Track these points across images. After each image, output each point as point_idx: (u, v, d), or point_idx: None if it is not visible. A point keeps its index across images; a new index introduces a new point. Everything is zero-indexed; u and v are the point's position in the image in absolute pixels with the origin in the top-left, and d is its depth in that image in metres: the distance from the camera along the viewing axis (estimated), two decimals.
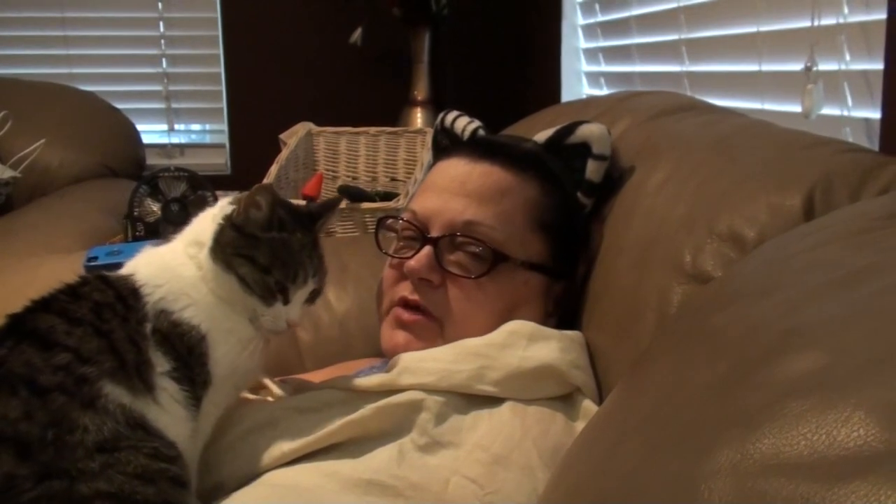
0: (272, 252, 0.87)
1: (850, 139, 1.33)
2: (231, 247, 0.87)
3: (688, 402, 0.63)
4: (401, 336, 1.10)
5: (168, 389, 0.83)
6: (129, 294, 0.85)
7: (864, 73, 1.33)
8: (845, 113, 1.38)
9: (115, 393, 0.78)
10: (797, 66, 1.40)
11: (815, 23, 1.37)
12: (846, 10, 1.35)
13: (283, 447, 0.91)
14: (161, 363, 0.83)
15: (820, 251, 0.74)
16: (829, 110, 1.38)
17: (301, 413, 0.96)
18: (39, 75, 2.89)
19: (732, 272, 0.88)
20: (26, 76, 2.84)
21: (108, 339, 0.81)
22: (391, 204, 1.89)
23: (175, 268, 0.89)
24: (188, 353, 0.85)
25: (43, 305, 0.84)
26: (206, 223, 0.91)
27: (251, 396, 1.04)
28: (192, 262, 0.89)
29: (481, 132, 1.32)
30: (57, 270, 1.58)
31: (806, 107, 1.36)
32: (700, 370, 0.66)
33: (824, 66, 1.36)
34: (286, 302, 0.89)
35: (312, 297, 0.93)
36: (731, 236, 0.94)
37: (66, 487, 0.73)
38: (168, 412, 0.82)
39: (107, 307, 0.83)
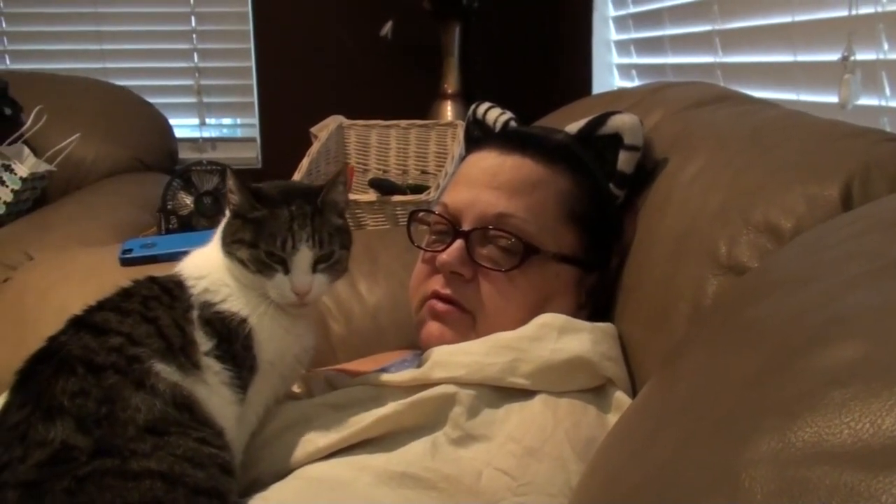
0: (257, 228, 0.90)
1: (889, 129, 1.32)
2: (229, 236, 0.92)
3: (726, 392, 0.62)
4: (435, 327, 1.10)
5: (213, 368, 0.87)
6: (174, 287, 0.92)
7: None
8: (883, 103, 1.36)
9: (165, 371, 0.83)
10: (833, 56, 1.38)
11: (853, 12, 1.35)
12: None
13: (318, 443, 0.92)
14: (203, 342, 0.88)
15: (858, 241, 0.73)
16: (866, 100, 1.37)
17: (334, 409, 0.97)
18: (74, 70, 2.93)
19: (769, 263, 0.87)
20: (61, 71, 2.88)
21: (154, 324, 0.86)
22: (422, 197, 1.89)
23: (213, 260, 0.94)
24: (231, 335, 0.89)
25: (99, 306, 0.90)
26: (225, 219, 0.97)
27: None
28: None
29: (513, 124, 1.32)
30: (92, 263, 1.61)
31: (843, 97, 1.34)
32: (738, 360, 0.65)
33: (862, 55, 1.35)
34: (287, 272, 0.90)
35: (330, 270, 0.93)
36: (768, 227, 0.93)
37: (118, 465, 0.76)
38: (217, 394, 0.86)
39: (153, 299, 0.90)
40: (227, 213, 0.95)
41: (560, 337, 1.00)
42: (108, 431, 0.78)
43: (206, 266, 0.93)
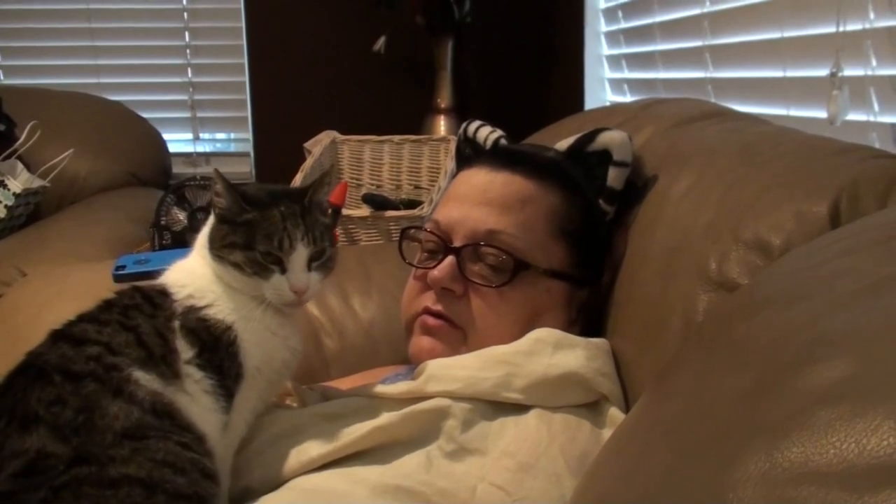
0: (250, 229, 0.90)
1: (877, 145, 1.33)
2: (218, 240, 0.92)
3: (715, 411, 0.62)
4: (426, 341, 1.10)
5: (193, 376, 0.86)
6: (156, 295, 0.91)
7: (891, 78, 1.32)
8: (872, 118, 1.37)
9: (144, 379, 0.82)
10: (822, 72, 1.39)
11: (841, 28, 1.36)
12: (872, 16, 1.34)
13: (311, 452, 0.92)
14: (185, 351, 0.87)
15: (847, 259, 0.74)
16: (855, 116, 1.38)
17: (328, 419, 0.96)
18: (67, 85, 2.94)
19: (759, 280, 0.88)
20: (55, 86, 2.89)
21: (134, 332, 0.86)
22: (415, 212, 1.90)
23: (195, 270, 0.94)
24: (215, 344, 0.89)
25: (78, 318, 0.89)
26: (208, 226, 0.96)
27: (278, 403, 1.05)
28: (205, 261, 0.94)
29: (503, 141, 1.33)
30: (86, 279, 1.61)
31: (831, 113, 1.35)
32: (727, 378, 0.66)
33: (850, 71, 1.36)
34: (283, 271, 0.90)
35: (323, 267, 0.93)
36: (757, 244, 0.93)
37: (96, 472, 0.75)
38: (197, 402, 0.86)
39: (133, 308, 0.89)
40: (212, 217, 0.94)
41: (555, 352, 1.01)
42: (85, 439, 0.77)
43: (188, 276, 0.93)
